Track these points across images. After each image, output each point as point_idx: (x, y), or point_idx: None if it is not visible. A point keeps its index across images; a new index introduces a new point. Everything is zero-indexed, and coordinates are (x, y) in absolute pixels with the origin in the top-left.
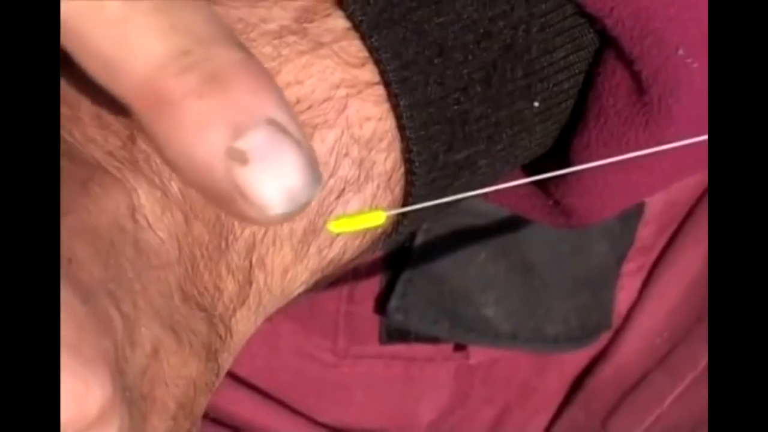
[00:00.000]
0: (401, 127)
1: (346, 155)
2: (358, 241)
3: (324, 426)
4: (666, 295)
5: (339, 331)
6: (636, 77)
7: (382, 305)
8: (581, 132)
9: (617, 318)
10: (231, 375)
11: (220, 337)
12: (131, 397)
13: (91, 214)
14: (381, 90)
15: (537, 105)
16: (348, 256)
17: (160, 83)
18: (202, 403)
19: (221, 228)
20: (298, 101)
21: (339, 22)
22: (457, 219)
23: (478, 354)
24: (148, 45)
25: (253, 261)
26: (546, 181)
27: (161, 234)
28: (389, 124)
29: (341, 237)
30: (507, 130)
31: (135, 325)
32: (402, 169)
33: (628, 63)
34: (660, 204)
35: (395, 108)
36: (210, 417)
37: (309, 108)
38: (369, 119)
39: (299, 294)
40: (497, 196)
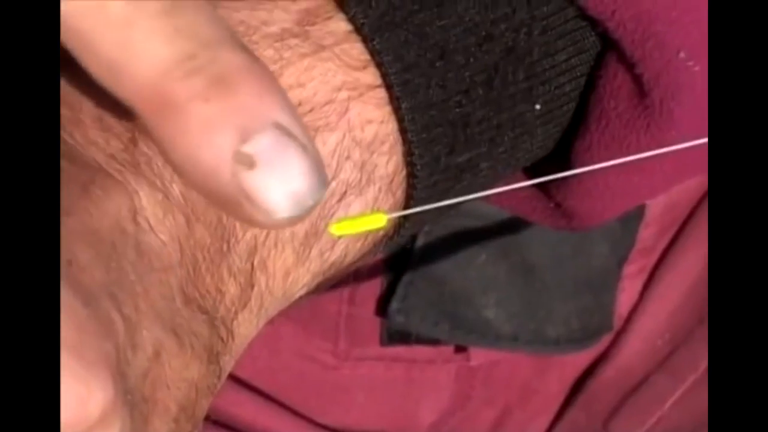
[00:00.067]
0: (403, 130)
1: (347, 158)
2: (359, 244)
3: (325, 428)
4: (667, 297)
5: (340, 333)
6: (637, 80)
7: (383, 307)
8: (583, 135)
9: (618, 320)
10: (232, 377)
11: (221, 340)
12: (133, 400)
13: (93, 216)
14: (383, 93)
15: (538, 108)
16: (349, 258)
17: (165, 87)
18: (203, 406)
19: (223, 231)
20: (299, 104)
21: (341, 24)
22: (458, 221)
23: (478, 356)
24: (152, 48)
25: (255, 264)
26: (547, 184)
27: (163, 237)
28: (391, 127)
29: (343, 240)
30: (509, 132)
31: (136, 328)
32: (404, 172)
33: (629, 66)
34: (661, 206)
35: (397, 111)
36: (211, 419)
37: (311, 111)
38: (371, 122)
39: (301, 296)
40: (498, 198)
